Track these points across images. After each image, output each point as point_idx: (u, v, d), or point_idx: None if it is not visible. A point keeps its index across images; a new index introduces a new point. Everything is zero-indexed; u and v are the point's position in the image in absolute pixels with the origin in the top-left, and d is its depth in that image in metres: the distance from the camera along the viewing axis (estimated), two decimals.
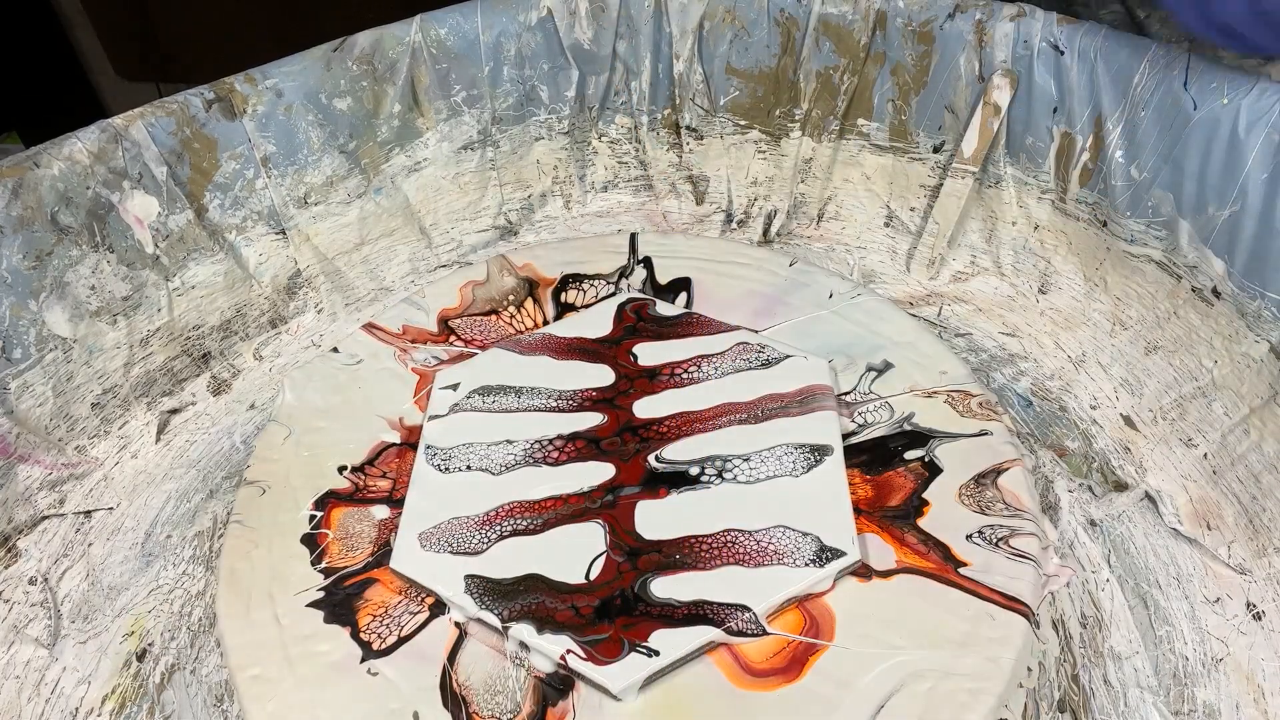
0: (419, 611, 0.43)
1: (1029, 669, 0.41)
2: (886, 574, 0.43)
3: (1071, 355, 0.57)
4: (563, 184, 0.71)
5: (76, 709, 0.43)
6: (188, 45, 1.09)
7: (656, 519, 0.45)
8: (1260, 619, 0.44)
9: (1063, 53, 0.55)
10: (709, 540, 0.44)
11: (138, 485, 0.53)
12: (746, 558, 0.43)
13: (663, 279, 0.61)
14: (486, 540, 0.45)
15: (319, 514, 0.47)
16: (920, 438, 0.49)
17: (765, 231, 0.68)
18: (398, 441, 0.51)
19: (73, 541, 0.51)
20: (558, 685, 0.40)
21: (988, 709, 0.38)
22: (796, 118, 0.67)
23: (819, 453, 0.48)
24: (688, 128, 0.69)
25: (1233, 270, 0.49)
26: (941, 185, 0.63)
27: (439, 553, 0.44)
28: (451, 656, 0.41)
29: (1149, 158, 0.52)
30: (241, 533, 0.47)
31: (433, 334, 0.58)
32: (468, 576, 0.43)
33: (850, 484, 0.47)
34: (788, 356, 0.53)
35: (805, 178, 0.68)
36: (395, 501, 0.48)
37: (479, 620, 0.42)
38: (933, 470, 0.47)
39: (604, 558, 0.44)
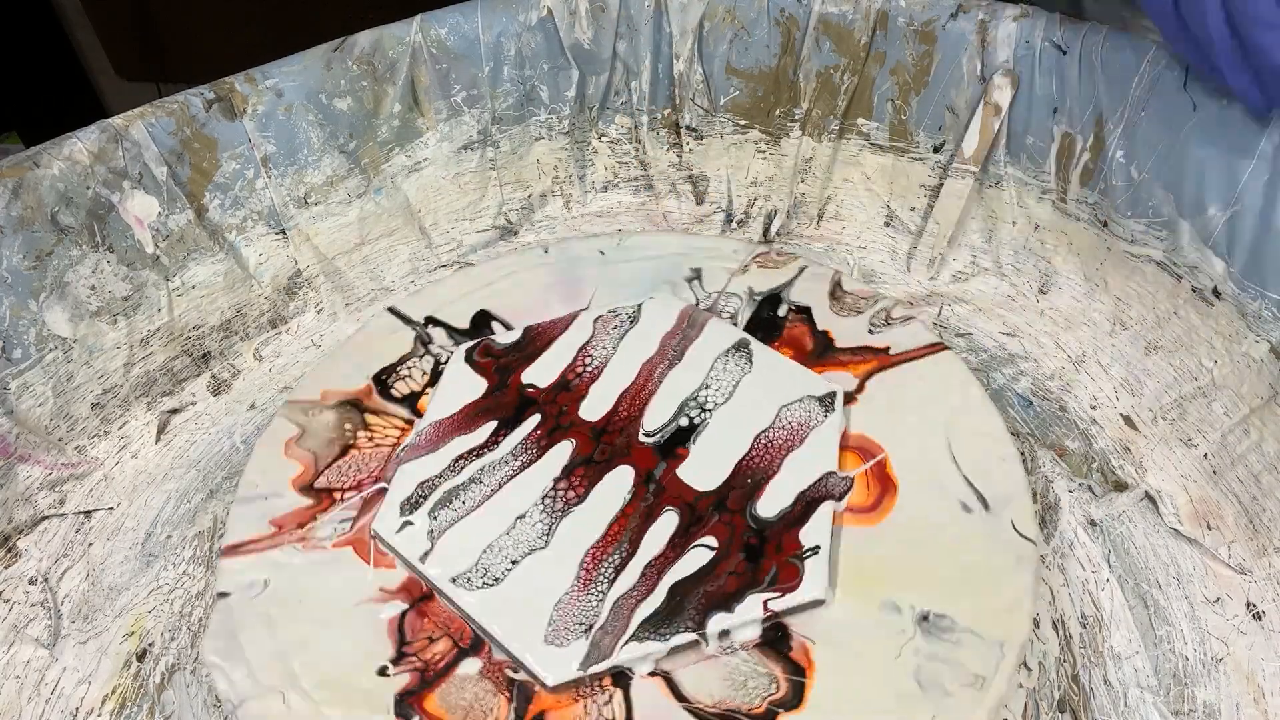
0: None
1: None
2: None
3: (1071, 355, 0.57)
4: (563, 184, 0.71)
5: (76, 709, 0.43)
6: (188, 45, 1.09)
7: (695, 474, 0.47)
8: (1260, 619, 0.44)
9: (1065, 52, 0.55)
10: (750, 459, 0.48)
11: (138, 485, 0.53)
12: (783, 448, 0.48)
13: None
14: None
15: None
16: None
17: (765, 231, 0.68)
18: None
19: (73, 541, 0.51)
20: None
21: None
22: (796, 117, 0.67)
23: (742, 347, 0.53)
24: (688, 128, 0.69)
25: (1233, 270, 0.49)
26: (942, 185, 0.63)
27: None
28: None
29: (1149, 158, 0.52)
30: None
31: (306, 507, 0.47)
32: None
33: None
34: (639, 304, 0.56)
35: (805, 177, 0.68)
36: None
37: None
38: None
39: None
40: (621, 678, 0.40)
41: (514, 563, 0.43)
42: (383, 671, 0.40)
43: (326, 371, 0.54)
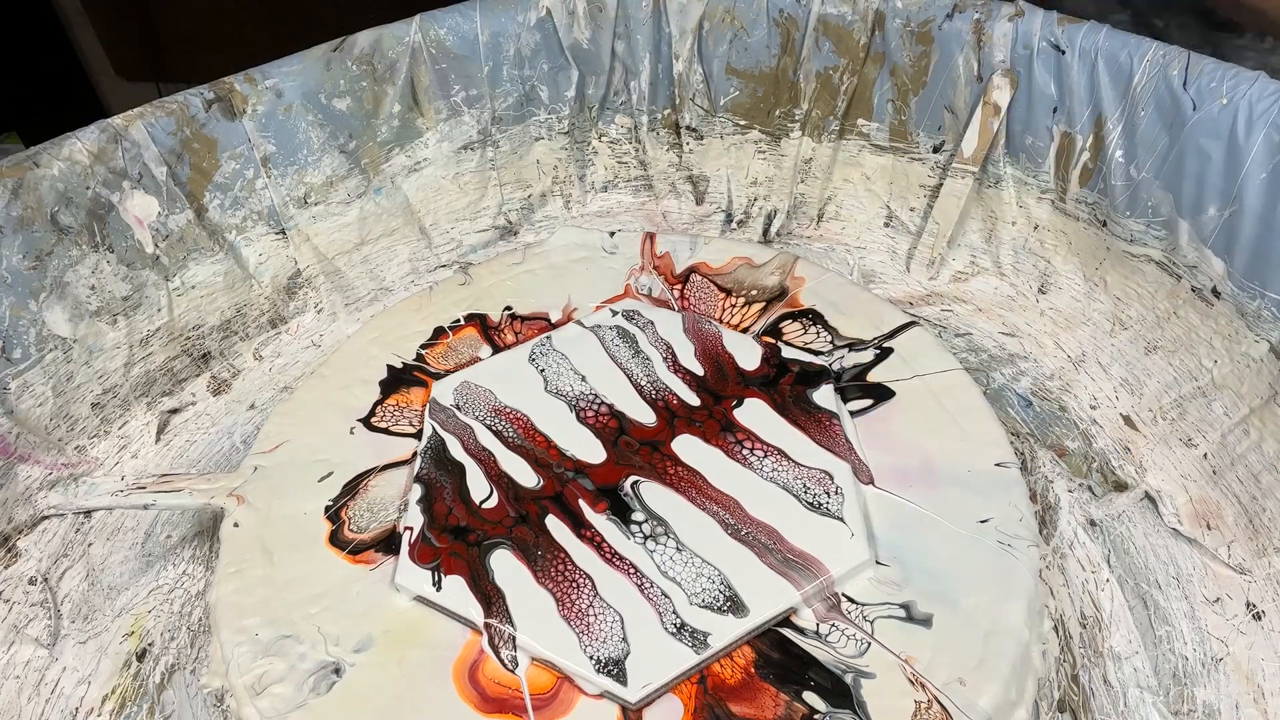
0: None
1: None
2: None
3: (1071, 355, 0.57)
4: (563, 184, 0.71)
5: (76, 709, 0.43)
6: (188, 45, 1.09)
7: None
8: (1260, 619, 0.44)
9: (1063, 52, 0.55)
10: None
11: None
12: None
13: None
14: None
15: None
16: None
17: (765, 231, 0.68)
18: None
19: (73, 541, 0.51)
20: None
21: None
22: (796, 118, 0.67)
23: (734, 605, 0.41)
24: (688, 128, 0.69)
25: (1232, 270, 0.49)
26: (941, 185, 0.63)
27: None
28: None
29: (1149, 158, 0.52)
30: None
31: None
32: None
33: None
34: (839, 519, 0.44)
35: (805, 178, 0.68)
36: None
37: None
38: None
39: None
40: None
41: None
42: None
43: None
